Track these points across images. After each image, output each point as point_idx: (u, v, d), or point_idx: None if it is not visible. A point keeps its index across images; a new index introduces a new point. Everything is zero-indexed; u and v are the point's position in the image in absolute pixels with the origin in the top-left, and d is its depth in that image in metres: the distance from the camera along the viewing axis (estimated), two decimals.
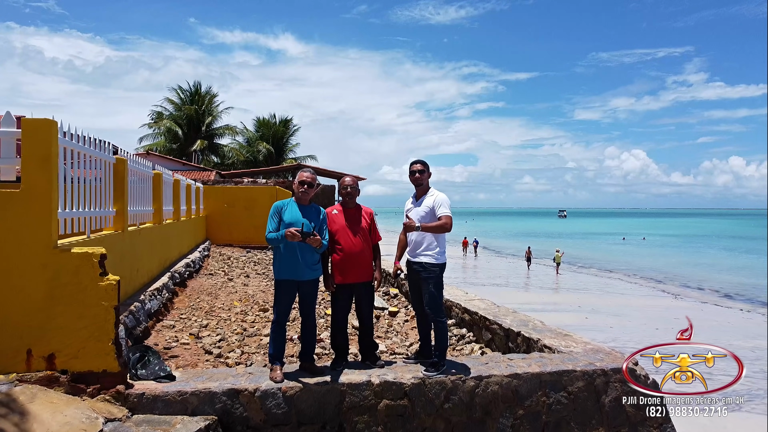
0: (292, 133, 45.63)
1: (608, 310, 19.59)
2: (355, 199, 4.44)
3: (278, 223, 4.11)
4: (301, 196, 4.18)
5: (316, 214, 4.23)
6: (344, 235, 4.29)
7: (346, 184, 4.40)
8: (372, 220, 4.48)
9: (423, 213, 4.35)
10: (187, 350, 5.37)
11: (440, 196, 4.37)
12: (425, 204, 4.38)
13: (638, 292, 24.83)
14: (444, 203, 4.32)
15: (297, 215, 4.11)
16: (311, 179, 4.20)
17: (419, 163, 4.48)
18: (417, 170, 4.44)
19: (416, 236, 4.37)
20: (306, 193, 4.17)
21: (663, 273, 31.76)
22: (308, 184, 4.17)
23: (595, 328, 15.99)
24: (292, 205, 4.19)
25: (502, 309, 6.53)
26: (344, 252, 4.27)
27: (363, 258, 4.32)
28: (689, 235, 74.68)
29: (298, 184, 4.18)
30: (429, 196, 4.41)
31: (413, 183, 4.48)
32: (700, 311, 20.06)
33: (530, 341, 5.21)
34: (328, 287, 4.34)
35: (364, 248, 4.33)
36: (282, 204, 4.19)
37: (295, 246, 4.04)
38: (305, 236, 3.89)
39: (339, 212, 4.39)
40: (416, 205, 4.46)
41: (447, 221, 4.25)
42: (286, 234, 3.89)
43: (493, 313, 6.23)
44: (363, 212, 4.44)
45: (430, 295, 4.27)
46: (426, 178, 4.46)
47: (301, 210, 4.16)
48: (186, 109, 40.08)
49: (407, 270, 4.56)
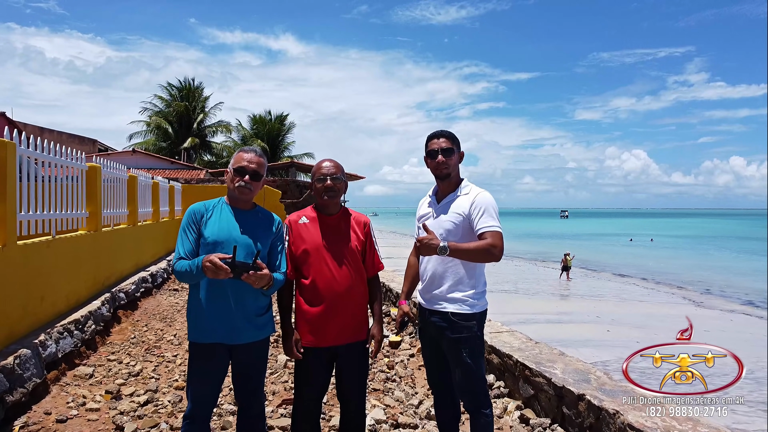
0: (288, 130, 44.03)
1: (630, 320, 17.84)
2: (338, 199, 2.67)
3: (195, 241, 2.39)
4: (238, 195, 2.45)
5: (265, 226, 2.51)
6: (319, 261, 2.56)
7: (324, 173, 2.61)
8: (368, 236, 2.74)
9: (450, 224, 2.59)
10: (89, 423, 3.64)
11: (482, 196, 2.60)
12: (455, 208, 2.61)
13: (657, 298, 23.09)
14: (489, 208, 2.56)
15: (228, 228, 2.39)
16: (256, 164, 2.45)
17: (444, 136, 2.66)
18: (441, 148, 2.63)
19: (437, 264, 2.63)
20: (246, 188, 2.43)
21: (680, 277, 30.03)
22: (251, 174, 2.43)
23: (621, 343, 14.21)
24: (223, 211, 2.46)
25: (544, 349, 4.79)
26: (318, 292, 2.55)
27: (350, 302, 2.60)
28: (696, 236, 73.15)
29: (233, 173, 2.45)
30: (462, 195, 2.64)
31: (434, 172, 2.68)
32: (728, 321, 18.32)
33: (601, 413, 3.48)
34: (288, 352, 2.61)
35: (352, 285, 2.60)
36: (202, 208, 2.45)
37: (224, 285, 2.33)
38: (238, 270, 2.18)
39: (311, 221, 2.64)
40: (438, 210, 2.69)
41: (495, 241, 2.47)
42: (204, 265, 2.18)
43: (534, 357, 4.50)
44: (353, 222, 2.69)
45: (465, 371, 2.54)
46: (455, 164, 2.69)
47: (237, 219, 2.44)
48: (176, 105, 38.40)
49: (420, 320, 2.82)
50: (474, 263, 2.59)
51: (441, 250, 2.44)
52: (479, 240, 2.51)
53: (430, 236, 2.49)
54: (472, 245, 2.48)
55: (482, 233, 2.50)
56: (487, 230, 2.50)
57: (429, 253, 2.49)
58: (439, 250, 2.44)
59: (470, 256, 2.50)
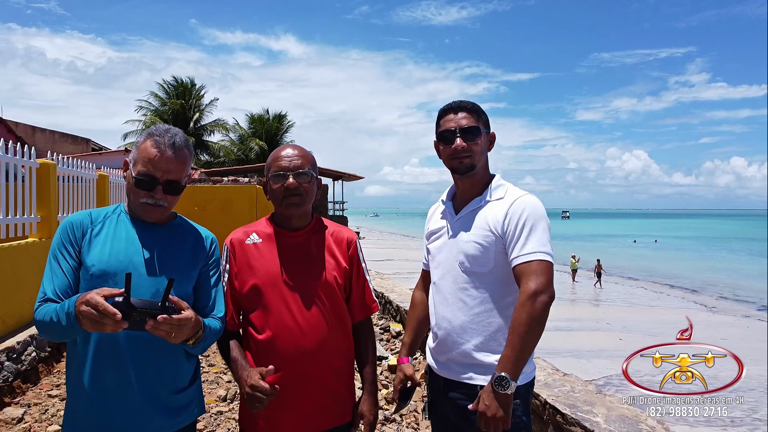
0: (287, 129, 43.20)
1: (642, 328, 16.91)
2: (308, 206, 1.79)
3: (73, 273, 1.52)
4: (142, 214, 1.59)
5: (189, 248, 1.64)
6: (276, 304, 1.69)
7: (283, 165, 1.74)
8: (355, 261, 1.86)
9: (475, 248, 1.73)
10: None
11: (524, 202, 1.73)
12: (482, 221, 1.75)
13: (668, 303, 22.17)
14: (535, 221, 1.69)
15: (126, 251, 1.53)
16: (175, 165, 1.55)
17: (464, 109, 1.80)
18: (460, 127, 1.77)
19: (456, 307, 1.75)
20: (156, 207, 1.57)
21: (689, 280, 29.16)
22: (165, 185, 1.54)
23: None
24: (119, 225, 1.59)
25: (577, 385, 3.94)
26: (276, 352, 1.68)
27: (325, 366, 1.73)
28: (699, 237, 72.37)
29: (134, 179, 1.55)
30: (493, 200, 1.78)
31: (449, 164, 1.82)
32: (745, 328, 17.43)
33: None
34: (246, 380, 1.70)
35: (328, 339, 1.72)
36: (86, 219, 1.57)
37: (118, 344, 1.48)
38: (138, 315, 1.30)
39: (265, 241, 1.77)
40: (456, 225, 1.82)
41: (540, 284, 1.58)
42: (79, 310, 1.29)
43: (566, 398, 3.65)
44: (330, 240, 1.81)
45: None
46: (482, 150, 1.82)
47: (141, 237, 1.57)
48: (171, 103, 37.58)
49: (431, 392, 1.92)
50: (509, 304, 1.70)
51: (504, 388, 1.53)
52: (516, 278, 1.63)
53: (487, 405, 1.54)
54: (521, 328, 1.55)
55: (519, 266, 1.62)
56: (526, 260, 1.62)
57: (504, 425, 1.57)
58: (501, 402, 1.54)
59: (533, 340, 1.57)
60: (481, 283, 1.71)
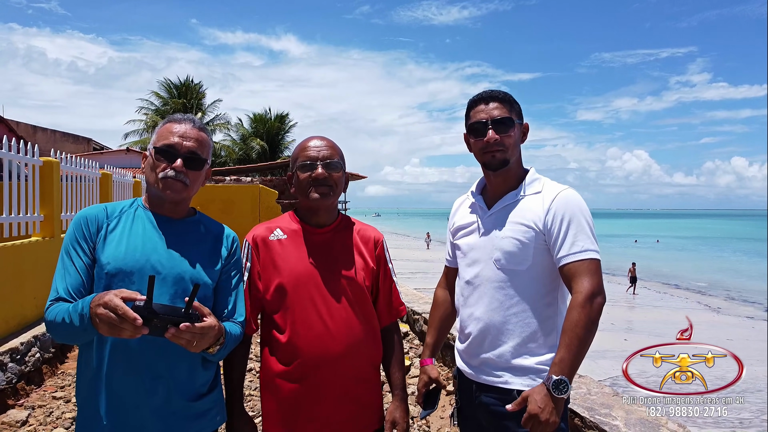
0: (288, 129, 43.10)
1: (646, 328, 16.91)
2: (334, 201, 1.71)
3: (86, 271, 1.42)
4: (163, 191, 1.48)
5: (209, 246, 1.56)
6: (302, 304, 1.60)
7: (311, 155, 1.65)
8: (382, 261, 1.78)
9: (513, 244, 1.63)
10: None
11: (566, 197, 1.64)
12: (519, 216, 1.66)
13: (672, 303, 22.17)
14: (580, 218, 1.59)
15: (143, 249, 1.44)
16: (194, 141, 1.49)
17: (496, 99, 1.69)
18: (492, 118, 1.66)
19: (490, 307, 1.66)
20: (176, 181, 1.47)
21: (692, 280, 29.23)
22: (186, 156, 1.48)
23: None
24: (136, 220, 1.50)
25: (593, 387, 3.85)
26: (301, 354, 1.59)
27: (353, 371, 1.63)
28: (700, 237, 72.40)
29: (154, 155, 1.49)
30: (530, 194, 1.69)
31: (481, 158, 1.72)
32: (750, 328, 17.39)
33: None
34: None
35: (357, 343, 1.64)
36: (102, 213, 1.48)
37: (133, 349, 1.39)
38: (160, 321, 1.21)
39: (291, 237, 1.67)
40: (489, 220, 1.72)
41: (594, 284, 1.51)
42: (94, 312, 1.21)
43: (583, 400, 3.56)
44: (357, 239, 1.74)
45: None
46: (516, 143, 1.72)
47: (160, 233, 1.49)
48: (173, 103, 37.53)
49: (461, 397, 1.82)
50: (555, 306, 1.64)
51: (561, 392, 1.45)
52: (564, 278, 1.55)
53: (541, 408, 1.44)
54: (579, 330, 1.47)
55: (569, 265, 1.54)
56: (577, 259, 1.53)
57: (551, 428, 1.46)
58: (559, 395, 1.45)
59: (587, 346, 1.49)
60: (519, 281, 1.63)
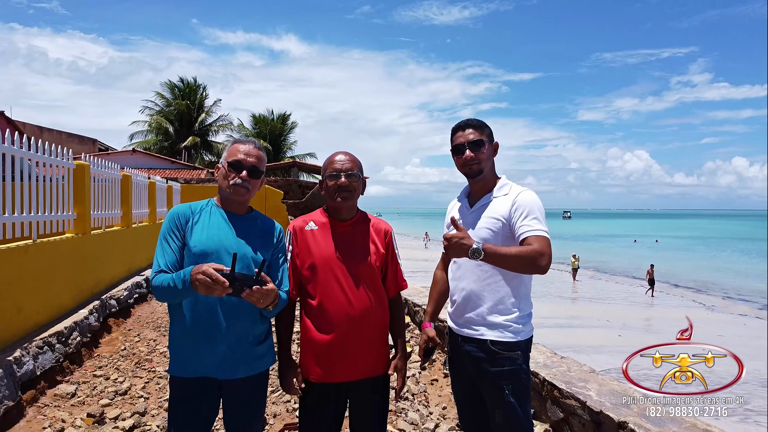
0: (290, 129, 43.61)
1: (641, 326, 17.41)
2: (354, 202, 2.23)
3: (179, 251, 1.96)
4: (233, 195, 2.01)
5: (264, 235, 2.08)
6: (329, 279, 2.12)
7: (337, 168, 2.16)
8: (390, 247, 2.30)
9: (487, 232, 2.16)
10: None
11: (525, 195, 2.17)
12: (492, 212, 2.20)
13: (666, 301, 22.63)
14: (533, 209, 2.13)
15: (219, 236, 1.97)
16: (255, 158, 2.03)
17: (470, 126, 2.25)
18: (468, 141, 2.22)
19: (472, 280, 2.20)
20: (243, 187, 2.00)
21: (688, 279, 29.62)
22: (250, 169, 2.00)
23: (634, 350, 13.77)
24: (212, 215, 2.03)
25: (573, 366, 4.35)
26: (328, 316, 2.12)
27: (368, 329, 2.17)
28: (700, 237, 72.73)
29: (227, 168, 2.02)
30: (500, 196, 2.23)
31: (462, 170, 2.28)
32: (742, 325, 17.86)
33: None
34: (287, 388, 2.18)
35: (370, 308, 2.16)
36: (187, 210, 2.02)
37: (214, 306, 1.91)
38: (239, 285, 1.74)
39: (321, 228, 2.20)
40: (471, 216, 2.27)
41: (542, 248, 2.02)
42: (195, 277, 1.74)
43: (563, 376, 4.06)
44: (371, 230, 2.25)
45: (508, 413, 2.10)
46: (488, 158, 2.26)
47: (230, 224, 2.02)
48: (177, 104, 38.03)
49: (450, 349, 2.38)
50: (519, 279, 2.16)
51: (474, 253, 1.98)
52: (523, 245, 2.07)
53: (462, 234, 2.03)
54: (514, 250, 2.02)
55: (525, 238, 2.06)
56: (531, 234, 2.05)
57: (459, 254, 2.04)
58: (471, 253, 1.98)
59: (511, 264, 2.04)
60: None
